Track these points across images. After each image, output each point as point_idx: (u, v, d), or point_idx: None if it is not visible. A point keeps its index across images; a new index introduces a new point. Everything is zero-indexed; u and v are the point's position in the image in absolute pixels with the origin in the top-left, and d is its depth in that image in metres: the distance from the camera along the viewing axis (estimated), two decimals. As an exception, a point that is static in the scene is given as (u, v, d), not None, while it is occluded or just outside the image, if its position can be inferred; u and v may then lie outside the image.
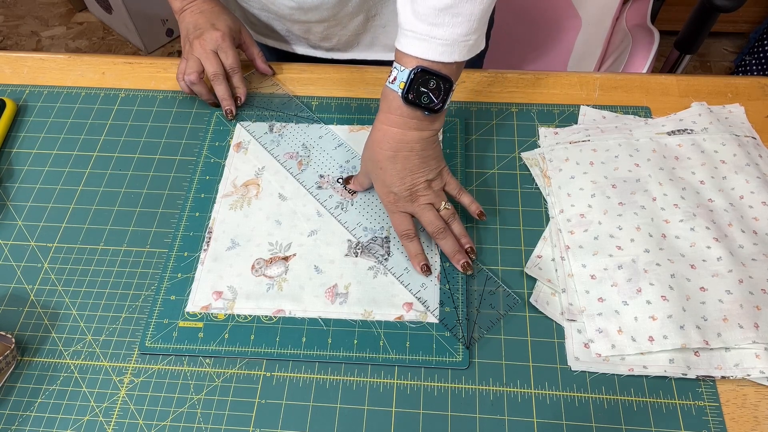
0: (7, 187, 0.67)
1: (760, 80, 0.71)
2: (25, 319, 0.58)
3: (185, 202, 0.65)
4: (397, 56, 0.55)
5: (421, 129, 0.56)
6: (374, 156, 0.57)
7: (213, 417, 0.52)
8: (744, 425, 0.50)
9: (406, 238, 0.58)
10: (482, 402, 0.52)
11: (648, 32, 0.95)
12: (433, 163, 0.58)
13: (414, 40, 0.52)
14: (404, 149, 0.56)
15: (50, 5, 2.15)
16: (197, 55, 0.68)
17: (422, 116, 0.55)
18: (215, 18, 0.70)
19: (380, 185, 0.58)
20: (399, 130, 0.56)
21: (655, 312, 0.53)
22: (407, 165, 0.56)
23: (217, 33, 0.68)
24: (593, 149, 0.64)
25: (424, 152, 0.56)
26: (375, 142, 0.57)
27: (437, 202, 0.58)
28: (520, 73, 0.74)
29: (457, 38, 0.52)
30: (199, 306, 0.58)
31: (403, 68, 0.53)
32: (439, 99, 0.54)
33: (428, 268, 0.57)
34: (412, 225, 0.58)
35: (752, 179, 0.61)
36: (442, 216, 0.58)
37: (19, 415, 0.53)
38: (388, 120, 0.56)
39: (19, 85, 0.76)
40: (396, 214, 0.58)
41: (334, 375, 0.54)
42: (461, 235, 0.58)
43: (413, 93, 0.53)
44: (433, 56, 0.52)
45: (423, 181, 0.57)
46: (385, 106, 0.56)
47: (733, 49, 1.88)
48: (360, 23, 0.74)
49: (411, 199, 0.57)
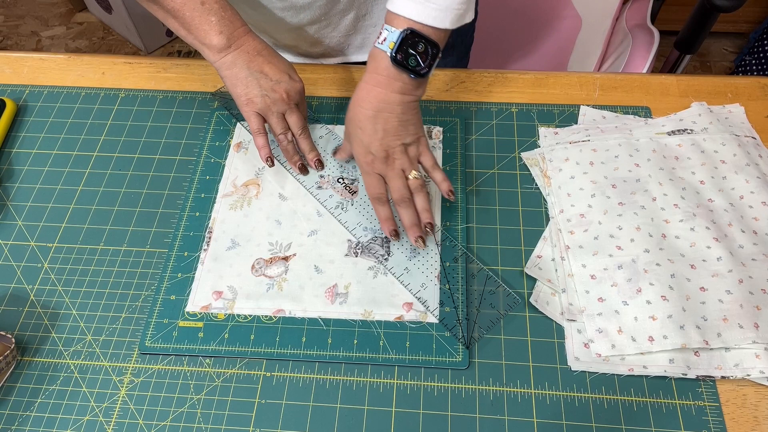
0: (7, 187, 0.67)
1: (760, 80, 0.71)
2: (25, 319, 0.58)
3: (185, 202, 0.65)
4: (389, 17, 0.56)
5: (403, 92, 0.57)
6: (356, 115, 0.59)
7: (213, 417, 0.52)
8: (744, 425, 0.50)
9: (378, 201, 0.59)
10: (482, 402, 0.52)
11: (648, 32, 0.95)
12: (412, 129, 0.59)
13: (408, 2, 0.54)
14: (385, 110, 0.57)
15: (50, 5, 2.15)
16: (281, 111, 0.62)
17: (407, 79, 0.56)
18: (282, 63, 0.63)
19: (358, 145, 0.59)
20: (382, 90, 0.57)
21: (655, 312, 0.53)
22: (386, 126, 0.58)
23: (299, 84, 0.63)
24: (593, 149, 0.64)
25: (404, 116, 0.58)
26: (357, 100, 0.58)
27: (409, 168, 0.59)
28: (520, 73, 0.74)
29: (450, 4, 0.54)
30: (199, 306, 0.58)
31: (394, 29, 0.55)
32: (426, 63, 0.56)
33: (397, 233, 0.59)
34: (385, 189, 0.59)
35: (752, 179, 0.61)
36: (411, 184, 0.59)
37: (19, 415, 0.53)
38: (373, 80, 0.57)
39: (19, 85, 0.76)
40: (370, 176, 0.59)
41: (334, 375, 0.54)
42: (423, 209, 0.59)
43: (402, 54, 0.55)
44: (425, 20, 0.54)
45: (399, 144, 0.58)
46: (372, 66, 0.57)
47: (733, 49, 1.88)
48: (350, 22, 0.74)
49: (386, 161, 0.58)
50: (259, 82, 0.61)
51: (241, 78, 0.61)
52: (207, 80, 0.75)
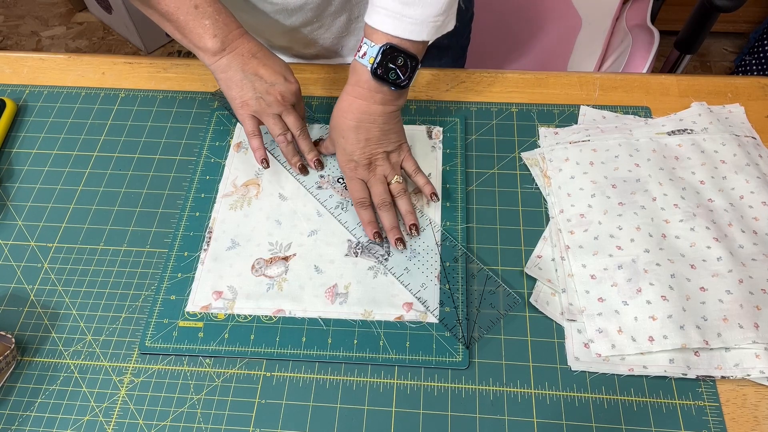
0: (7, 187, 0.67)
1: (760, 80, 0.71)
2: (25, 319, 0.58)
3: (185, 202, 0.64)
4: (367, 31, 0.57)
5: (384, 103, 0.58)
6: (339, 125, 0.60)
7: (213, 417, 0.52)
8: (744, 425, 0.50)
9: (361, 205, 0.61)
10: (482, 402, 0.52)
11: (648, 32, 0.95)
12: (393, 137, 0.61)
13: (385, 17, 0.55)
14: (367, 120, 0.59)
15: (50, 5, 2.15)
16: (277, 113, 0.62)
17: (388, 91, 0.58)
18: (277, 64, 0.62)
19: (341, 152, 0.61)
20: (364, 102, 0.58)
21: (655, 312, 0.53)
22: (368, 136, 0.59)
23: (294, 86, 0.62)
24: (593, 149, 0.64)
25: (386, 125, 0.60)
26: (341, 111, 0.60)
27: (391, 174, 0.61)
28: (520, 73, 0.74)
29: (426, 18, 0.54)
30: (199, 306, 0.58)
31: (373, 44, 0.56)
32: (406, 76, 0.57)
33: (380, 236, 0.60)
34: (368, 194, 0.61)
35: (752, 179, 0.61)
36: (393, 188, 0.61)
37: (19, 415, 0.53)
38: (355, 92, 0.58)
39: (19, 85, 0.76)
40: (354, 181, 0.61)
41: (334, 375, 0.54)
42: (407, 212, 0.61)
43: (382, 68, 0.56)
44: (402, 34, 0.55)
45: (381, 152, 0.61)
46: (354, 78, 0.59)
47: (733, 49, 1.88)
48: (343, 24, 0.74)
49: (369, 167, 0.61)
50: (253, 85, 0.61)
51: (236, 81, 0.61)
52: (207, 80, 0.75)
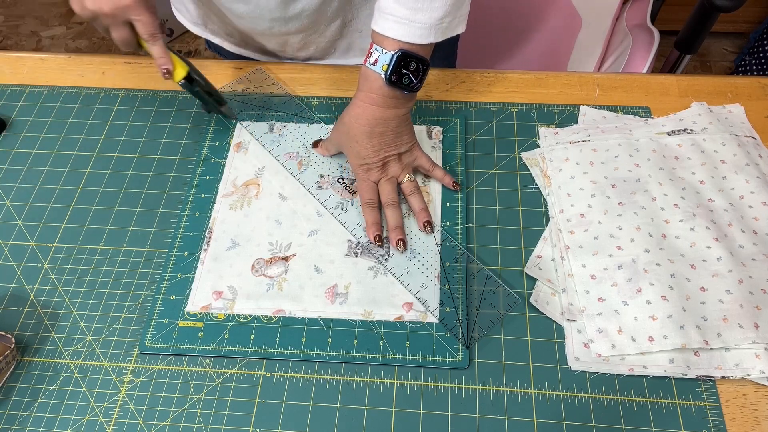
0: (7, 187, 0.67)
1: (760, 80, 0.71)
2: (25, 319, 0.58)
3: (185, 202, 0.64)
4: (376, 38, 0.58)
5: (397, 107, 0.60)
6: (351, 130, 0.61)
7: (213, 417, 0.52)
8: (744, 425, 0.50)
9: (369, 206, 0.61)
10: (482, 402, 0.52)
11: (648, 32, 0.95)
12: (406, 138, 0.62)
13: (394, 24, 0.55)
14: (380, 125, 0.60)
15: (50, 5, 2.15)
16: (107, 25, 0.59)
17: (401, 95, 0.59)
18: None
19: (354, 157, 0.62)
20: (379, 108, 0.59)
21: (655, 312, 0.53)
22: (383, 140, 0.60)
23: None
24: (593, 149, 0.64)
25: (399, 128, 0.61)
26: (353, 117, 0.60)
27: (402, 174, 0.62)
28: (520, 73, 0.74)
29: (434, 22, 0.55)
30: (199, 306, 0.58)
31: (385, 51, 0.57)
32: (418, 79, 0.58)
33: (381, 238, 0.60)
34: (377, 196, 0.62)
35: (752, 179, 0.61)
36: (405, 187, 0.62)
37: (19, 415, 0.53)
38: (368, 98, 0.59)
39: (19, 85, 0.76)
40: (365, 182, 0.62)
41: (334, 375, 0.54)
42: (420, 210, 0.61)
43: (396, 75, 0.57)
44: (413, 39, 0.56)
45: (395, 155, 0.62)
46: (366, 86, 0.59)
47: (733, 49, 1.88)
48: (337, 29, 0.74)
49: (382, 170, 0.62)
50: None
51: None
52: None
